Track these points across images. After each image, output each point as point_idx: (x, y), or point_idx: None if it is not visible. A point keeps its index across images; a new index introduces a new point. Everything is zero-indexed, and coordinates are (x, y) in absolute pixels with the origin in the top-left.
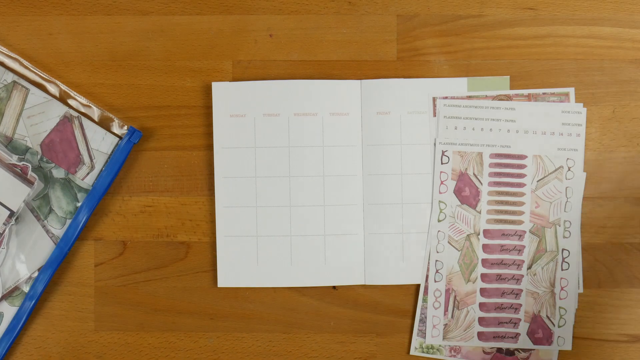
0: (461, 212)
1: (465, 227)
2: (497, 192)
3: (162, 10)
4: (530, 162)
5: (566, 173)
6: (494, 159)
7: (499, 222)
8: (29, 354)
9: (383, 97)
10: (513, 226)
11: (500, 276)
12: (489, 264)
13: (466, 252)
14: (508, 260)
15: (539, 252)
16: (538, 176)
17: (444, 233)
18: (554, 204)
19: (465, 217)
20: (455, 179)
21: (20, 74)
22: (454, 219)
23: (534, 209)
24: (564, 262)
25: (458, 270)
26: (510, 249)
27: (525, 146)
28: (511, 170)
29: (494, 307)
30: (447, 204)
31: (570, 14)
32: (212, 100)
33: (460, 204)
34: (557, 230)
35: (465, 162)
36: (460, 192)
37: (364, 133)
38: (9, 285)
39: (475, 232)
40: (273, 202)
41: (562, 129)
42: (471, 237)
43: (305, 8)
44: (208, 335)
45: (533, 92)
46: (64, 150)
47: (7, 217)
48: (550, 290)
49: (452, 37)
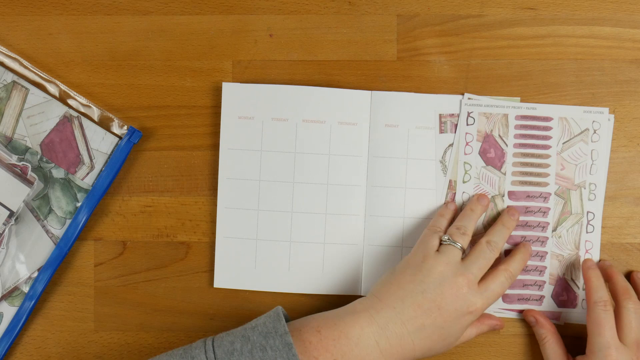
0: (486, 173)
1: (489, 189)
2: (522, 153)
3: (162, 10)
4: (556, 124)
5: (592, 135)
6: (519, 120)
7: (524, 184)
8: (29, 354)
9: (392, 109)
10: (538, 188)
11: (525, 238)
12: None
13: (490, 214)
14: (533, 222)
15: (564, 214)
16: (564, 138)
17: (469, 194)
18: (580, 166)
19: (490, 179)
20: (481, 140)
21: (20, 74)
22: (479, 180)
23: (560, 171)
24: (589, 224)
25: (482, 232)
26: (535, 211)
27: (551, 108)
28: (537, 132)
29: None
30: (472, 165)
31: (570, 14)
32: (222, 100)
33: (485, 166)
34: (583, 193)
35: (491, 123)
36: (485, 154)
37: (371, 144)
38: (9, 285)
39: (500, 193)
40: (275, 206)
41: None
42: (496, 199)
43: (305, 8)
44: (208, 335)
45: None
46: (63, 150)
47: (6, 217)
48: (575, 253)
49: (452, 37)
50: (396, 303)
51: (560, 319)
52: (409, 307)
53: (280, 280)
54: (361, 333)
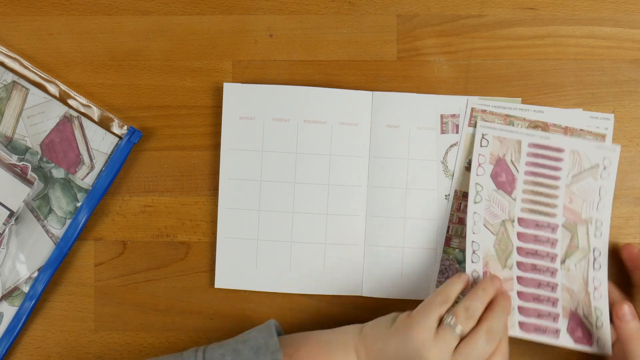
0: (497, 196)
1: (500, 212)
2: (532, 181)
3: (162, 10)
4: (568, 156)
5: (601, 172)
6: (532, 148)
7: (532, 212)
8: (29, 354)
9: (394, 110)
10: (547, 218)
11: (536, 266)
12: (524, 252)
13: (501, 238)
14: (542, 251)
15: (571, 247)
16: (574, 171)
17: (480, 215)
18: (587, 201)
19: (501, 203)
20: (493, 163)
21: (20, 74)
22: (490, 203)
23: (567, 204)
24: (596, 261)
25: (494, 254)
26: (544, 241)
27: (564, 140)
28: (548, 161)
29: (532, 298)
30: (484, 186)
31: (570, 14)
32: (223, 100)
33: (497, 189)
34: (589, 229)
35: (504, 147)
36: (497, 177)
37: (372, 145)
38: (9, 285)
39: (510, 218)
40: (276, 206)
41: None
42: (506, 223)
43: (305, 8)
44: (208, 335)
45: (570, 126)
46: (63, 150)
47: (7, 217)
48: (585, 289)
49: (452, 37)
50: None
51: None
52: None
53: (281, 280)
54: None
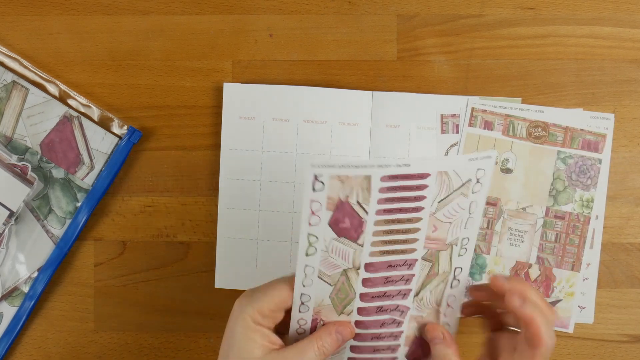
0: (338, 245)
1: (341, 262)
2: (387, 220)
3: (162, 10)
4: (433, 180)
5: (473, 186)
6: (386, 182)
7: (385, 254)
8: (29, 354)
9: (394, 110)
10: (403, 256)
11: (382, 308)
12: (369, 297)
13: (341, 287)
14: (392, 291)
15: (430, 277)
16: (440, 196)
17: (314, 268)
18: (455, 223)
19: (343, 251)
20: (332, 208)
21: (20, 73)
22: (328, 254)
23: (431, 234)
24: (455, 279)
25: (329, 304)
26: (397, 280)
27: (429, 163)
28: (408, 193)
29: (370, 337)
30: (319, 237)
31: (570, 13)
32: (223, 100)
33: (337, 238)
34: (453, 250)
35: (347, 188)
36: (337, 224)
37: (372, 145)
38: (9, 285)
39: (355, 266)
40: (276, 207)
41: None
42: (348, 272)
43: (305, 8)
44: (208, 335)
45: (571, 126)
46: (63, 150)
47: (6, 217)
48: (436, 310)
49: (452, 37)
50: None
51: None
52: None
53: None
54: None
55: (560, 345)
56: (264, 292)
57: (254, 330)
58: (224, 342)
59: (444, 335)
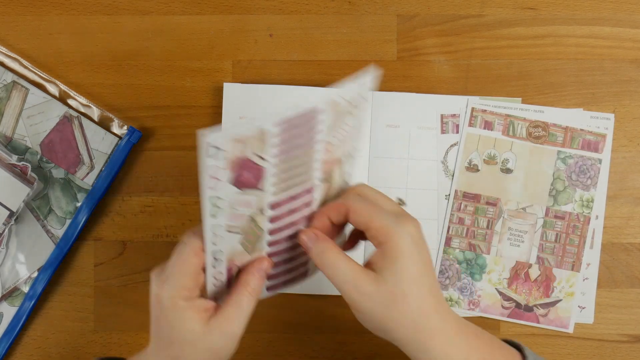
0: (241, 197)
1: (247, 210)
2: (285, 159)
3: (162, 10)
4: (325, 113)
5: (358, 102)
6: (279, 126)
7: (287, 189)
8: (29, 354)
9: (394, 110)
10: (303, 185)
11: (291, 236)
12: (277, 230)
13: (249, 231)
14: (298, 219)
15: (328, 193)
16: (331, 122)
17: (221, 225)
18: (344, 140)
19: (247, 201)
20: (231, 168)
21: (20, 74)
22: (232, 209)
23: (325, 157)
24: (344, 182)
25: (240, 249)
26: (301, 208)
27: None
28: (302, 130)
29: (283, 261)
30: (222, 197)
31: (570, 13)
32: (223, 100)
33: (240, 190)
34: (343, 162)
35: (241, 145)
36: (237, 180)
37: (372, 145)
38: (9, 285)
39: (260, 209)
40: None
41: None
42: (255, 216)
43: (305, 8)
44: None
45: (571, 126)
46: (63, 150)
47: (7, 217)
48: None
49: (452, 37)
50: None
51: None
52: None
53: None
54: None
55: (560, 345)
56: (178, 269)
57: (185, 309)
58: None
59: (316, 235)
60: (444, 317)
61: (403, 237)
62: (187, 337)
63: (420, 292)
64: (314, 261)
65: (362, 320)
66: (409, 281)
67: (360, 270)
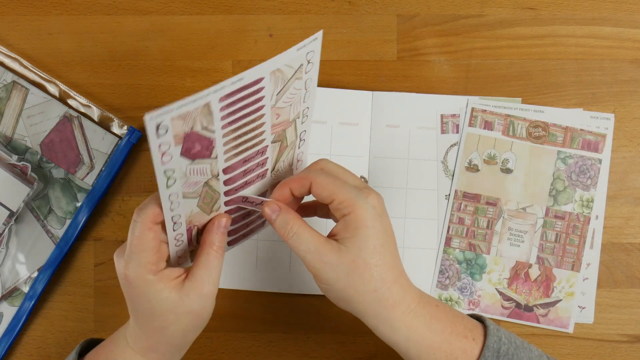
0: (194, 167)
1: (201, 178)
2: (234, 129)
3: (162, 10)
4: (268, 81)
5: (306, 67)
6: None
7: (239, 154)
8: (29, 354)
9: (394, 110)
10: (254, 148)
11: (247, 199)
12: (233, 191)
13: (205, 194)
14: (252, 178)
15: (281, 151)
16: (277, 90)
17: (177, 193)
18: (294, 103)
19: (200, 169)
20: (180, 142)
21: (20, 73)
22: (187, 178)
23: (275, 121)
24: (301, 140)
25: (198, 211)
26: (254, 168)
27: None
28: (247, 100)
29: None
30: (176, 169)
31: (570, 14)
32: None
33: (192, 161)
34: (297, 122)
35: (189, 121)
36: (189, 152)
37: (372, 145)
38: (9, 285)
39: (214, 175)
40: None
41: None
42: (209, 181)
43: (305, 8)
44: (208, 335)
45: (571, 126)
46: (63, 150)
47: (6, 217)
48: (289, 170)
49: (452, 37)
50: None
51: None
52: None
53: (280, 280)
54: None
55: (560, 345)
56: (137, 247)
57: (156, 282)
58: (136, 307)
59: (279, 206)
60: (405, 287)
61: (366, 209)
62: (166, 306)
63: (382, 261)
64: (278, 232)
65: (325, 291)
66: (371, 251)
67: (323, 240)
